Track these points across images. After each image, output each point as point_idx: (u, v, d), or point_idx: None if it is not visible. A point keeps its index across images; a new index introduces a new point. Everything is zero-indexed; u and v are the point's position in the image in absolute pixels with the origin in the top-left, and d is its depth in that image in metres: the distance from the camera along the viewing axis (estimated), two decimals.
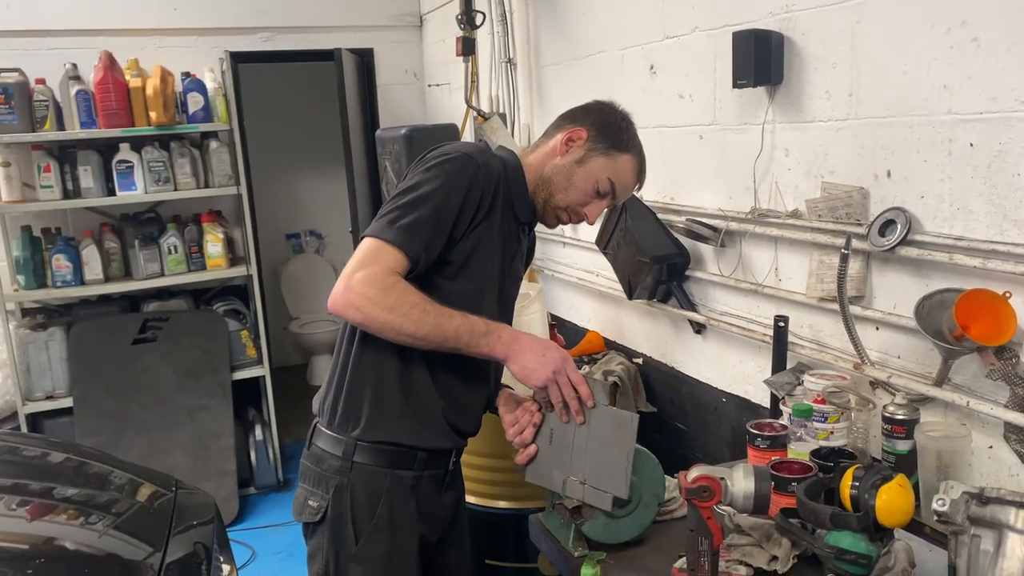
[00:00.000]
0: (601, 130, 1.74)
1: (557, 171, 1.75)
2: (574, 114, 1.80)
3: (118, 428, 4.05)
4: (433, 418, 1.74)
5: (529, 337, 1.64)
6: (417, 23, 4.90)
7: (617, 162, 1.75)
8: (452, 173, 1.62)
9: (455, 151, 1.66)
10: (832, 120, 1.92)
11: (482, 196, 1.64)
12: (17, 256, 4.04)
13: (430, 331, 1.57)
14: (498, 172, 1.68)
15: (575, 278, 3.24)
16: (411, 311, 1.55)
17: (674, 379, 2.70)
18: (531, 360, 1.60)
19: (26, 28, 4.17)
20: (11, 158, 3.98)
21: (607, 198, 1.78)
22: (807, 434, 1.81)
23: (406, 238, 1.57)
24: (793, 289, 2.11)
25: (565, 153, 1.75)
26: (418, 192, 1.60)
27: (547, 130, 1.83)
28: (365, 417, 1.71)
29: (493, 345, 1.60)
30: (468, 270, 1.68)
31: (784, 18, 2.01)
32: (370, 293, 1.54)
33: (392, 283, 1.56)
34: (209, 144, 4.29)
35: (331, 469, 1.73)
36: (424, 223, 1.58)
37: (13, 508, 2.18)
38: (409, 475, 1.74)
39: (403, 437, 1.71)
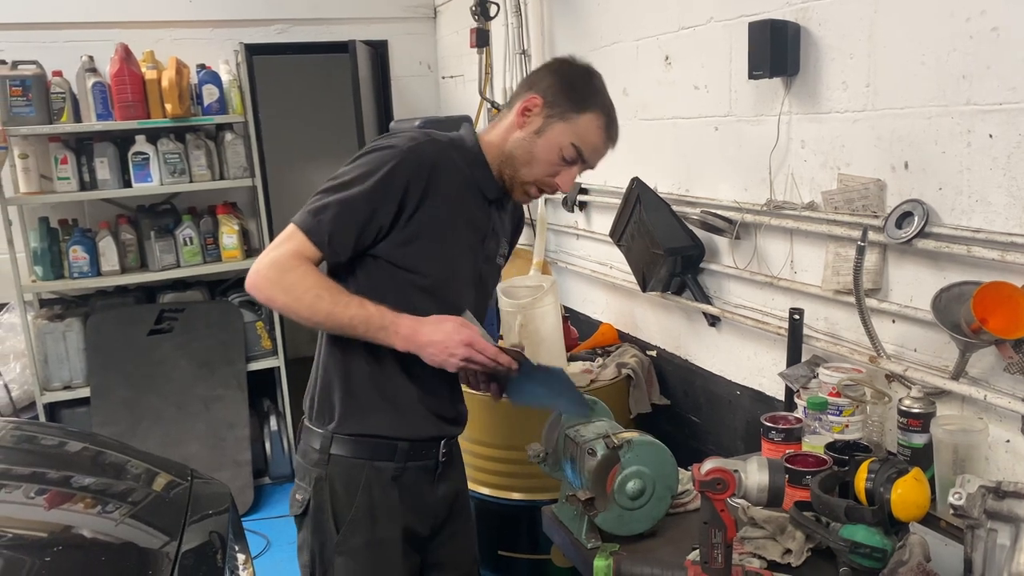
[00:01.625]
0: (557, 93, 1.65)
1: (517, 145, 1.68)
2: (530, 80, 1.72)
3: (134, 418, 4.08)
4: (410, 407, 1.72)
5: (429, 327, 1.59)
6: (431, 14, 4.89)
7: (578, 125, 1.65)
8: (372, 163, 1.60)
9: (384, 143, 1.64)
10: (849, 111, 1.90)
11: (408, 184, 1.59)
12: (35, 247, 4.07)
13: (324, 317, 1.58)
14: (432, 157, 1.63)
15: (589, 270, 3.23)
16: (304, 295, 1.56)
17: (688, 372, 2.69)
18: (437, 352, 1.58)
19: (43, 21, 4.19)
20: (28, 150, 4.01)
21: (577, 164, 1.70)
22: (822, 427, 1.81)
23: (314, 225, 1.58)
24: (808, 282, 2.09)
25: (523, 125, 1.67)
26: (336, 181, 1.61)
27: (508, 102, 1.77)
28: (338, 411, 1.71)
29: (392, 340, 1.59)
30: (424, 258, 1.65)
31: (801, 8, 1.99)
32: (270, 275, 1.58)
33: (293, 265, 1.57)
34: (224, 136, 4.30)
35: (311, 462, 1.74)
36: (334, 212, 1.58)
37: (31, 496, 2.20)
38: (390, 466, 1.72)
39: (379, 428, 1.71)
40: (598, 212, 3.16)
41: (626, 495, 1.59)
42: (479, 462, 2.71)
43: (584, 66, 1.72)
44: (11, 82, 3.80)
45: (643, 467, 1.59)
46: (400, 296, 1.64)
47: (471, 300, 1.74)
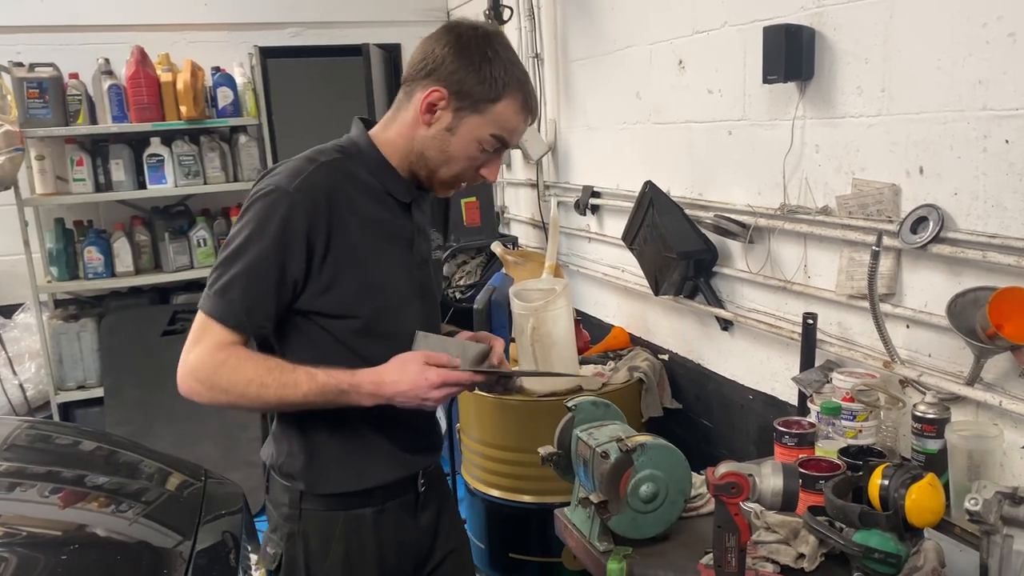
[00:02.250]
0: (462, 83, 1.47)
1: (427, 145, 1.52)
2: (424, 62, 1.50)
3: (147, 418, 4.10)
4: (380, 453, 1.60)
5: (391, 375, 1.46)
6: (444, 18, 4.91)
7: (495, 113, 1.49)
8: (261, 216, 1.44)
9: (265, 187, 1.46)
10: (864, 116, 1.90)
11: (309, 226, 1.44)
12: (50, 248, 4.11)
13: (277, 403, 1.46)
14: (325, 186, 1.46)
15: (600, 273, 3.23)
16: (247, 390, 1.43)
17: (700, 376, 2.69)
18: (408, 400, 1.46)
19: (60, 23, 4.23)
20: (45, 151, 4.05)
21: (500, 152, 1.56)
22: (835, 432, 1.80)
23: (226, 307, 1.44)
24: (822, 286, 2.09)
25: (430, 122, 1.50)
26: (231, 247, 1.46)
27: (402, 90, 1.56)
28: (301, 473, 1.59)
29: (359, 400, 1.46)
30: (351, 298, 1.51)
31: (815, 13, 1.99)
32: (201, 377, 1.43)
33: (221, 360, 1.43)
34: (238, 138, 4.33)
35: (283, 516, 1.63)
36: (241, 285, 1.43)
37: (46, 495, 2.21)
38: (368, 511, 1.61)
39: (349, 484, 1.59)
40: (610, 215, 3.16)
41: (639, 498, 1.59)
42: (490, 464, 2.71)
43: (481, 33, 1.50)
44: (28, 84, 3.85)
45: (656, 470, 1.59)
46: (340, 347, 1.52)
47: (418, 314, 1.61)
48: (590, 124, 3.26)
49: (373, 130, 1.60)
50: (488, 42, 1.49)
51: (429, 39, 1.53)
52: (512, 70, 1.50)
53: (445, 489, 1.84)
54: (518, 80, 1.51)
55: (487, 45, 1.49)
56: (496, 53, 1.49)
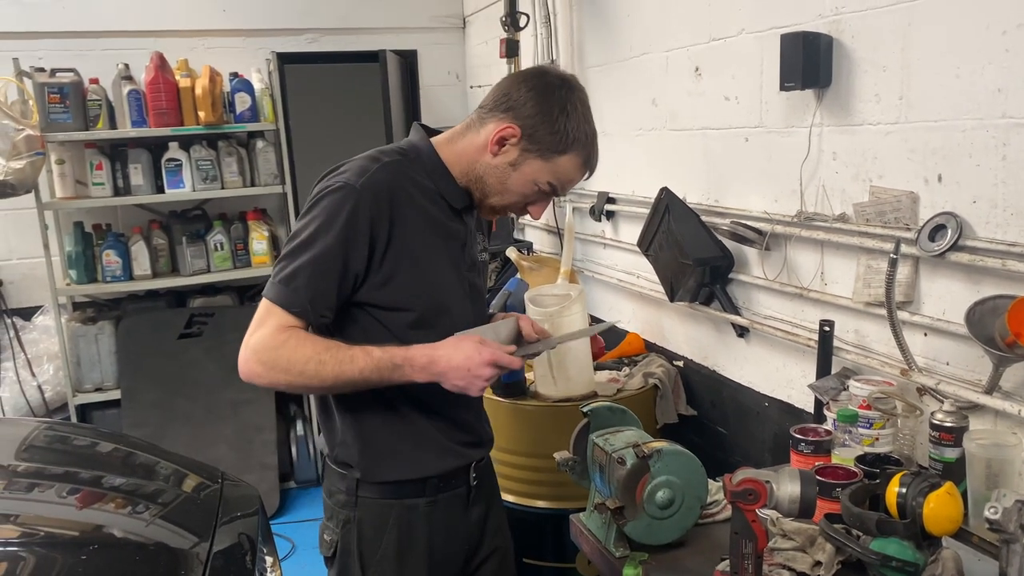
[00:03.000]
0: (536, 126, 1.56)
1: (489, 172, 1.61)
2: (506, 98, 1.59)
3: (164, 420, 4.14)
4: (432, 443, 1.67)
5: (446, 351, 1.52)
6: (460, 24, 4.93)
7: (557, 164, 1.59)
8: (330, 210, 1.52)
9: (335, 183, 1.55)
10: (881, 123, 1.89)
11: (373, 220, 1.52)
12: (69, 251, 4.15)
13: (334, 381, 1.51)
14: (388, 183, 1.55)
15: (615, 279, 3.23)
16: (306, 367, 1.49)
17: (716, 382, 2.69)
18: (460, 377, 1.50)
19: (81, 29, 4.28)
20: (65, 156, 4.10)
21: (550, 196, 1.66)
22: (852, 440, 1.80)
23: (290, 295, 1.51)
24: (839, 293, 2.08)
25: (497, 153, 1.59)
26: (299, 239, 1.53)
27: (476, 113, 1.65)
28: (358, 462, 1.66)
29: (412, 375, 1.52)
30: (407, 293, 1.58)
31: (833, 20, 1.99)
32: (263, 358, 1.50)
33: (282, 341, 1.49)
34: (255, 143, 4.37)
35: (339, 503, 1.70)
36: (307, 275, 1.51)
37: (64, 496, 2.23)
38: (421, 502, 1.68)
39: (404, 472, 1.66)
40: (625, 221, 3.17)
41: (655, 504, 1.60)
42: (505, 470, 2.71)
43: (565, 86, 1.60)
44: (49, 89, 3.89)
45: (673, 477, 1.60)
46: (392, 339, 1.58)
47: (468, 313, 1.68)
48: (606, 130, 3.26)
49: (437, 138, 1.68)
50: (570, 96, 1.59)
51: (516, 77, 1.65)
52: (584, 128, 1.60)
53: (495, 487, 1.90)
54: (587, 138, 1.61)
55: (568, 99, 1.58)
56: (575, 108, 1.58)
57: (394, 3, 4.79)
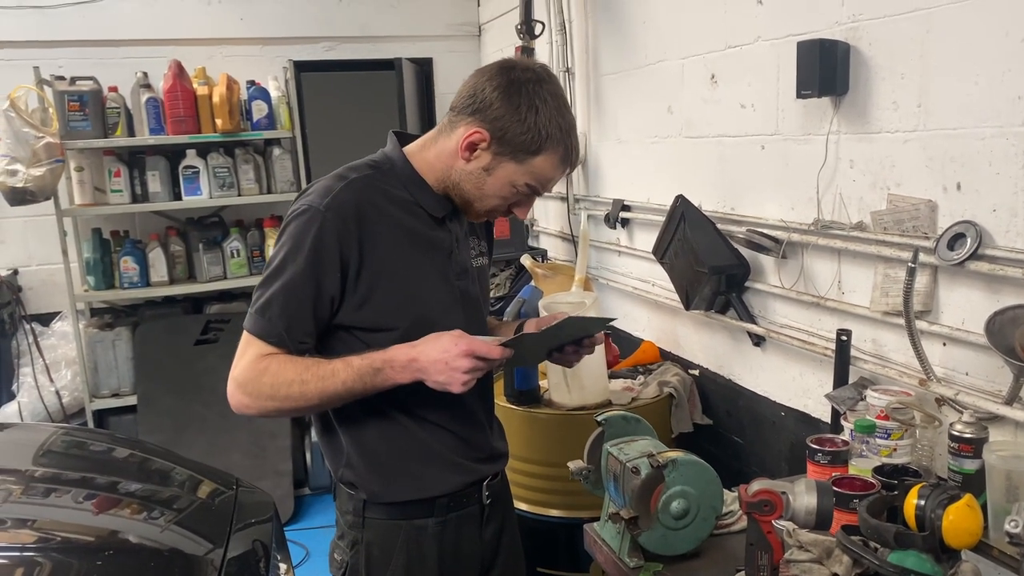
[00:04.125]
0: (505, 130, 1.49)
1: (464, 178, 1.55)
2: (474, 100, 1.51)
3: (179, 426, 4.15)
4: (438, 460, 1.63)
5: (423, 347, 1.47)
6: (476, 32, 4.94)
7: (532, 165, 1.52)
8: (296, 236, 1.49)
9: (300, 206, 1.51)
10: (899, 131, 1.88)
11: (341, 241, 1.48)
12: (87, 258, 4.18)
13: (319, 399, 1.49)
14: (354, 202, 1.50)
15: (630, 287, 3.23)
16: (290, 390, 1.47)
17: (731, 391, 2.67)
18: (439, 371, 1.45)
19: (100, 38, 4.32)
20: (84, 163, 4.13)
21: (532, 196, 1.60)
22: (869, 450, 1.78)
23: (266, 325, 1.49)
24: (856, 302, 2.07)
25: (469, 159, 1.53)
26: (271, 268, 1.51)
27: (447, 116, 1.59)
28: (363, 485, 1.63)
29: (394, 377, 1.48)
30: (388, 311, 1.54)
31: (850, 28, 1.98)
32: (248, 389, 1.49)
33: (263, 368, 1.48)
34: (272, 151, 4.39)
35: (348, 523, 1.67)
36: (280, 303, 1.48)
37: (80, 501, 2.25)
38: (431, 522, 1.64)
39: (410, 492, 1.62)
40: (640, 229, 3.16)
41: (670, 515, 1.58)
42: (518, 478, 2.71)
43: (533, 79, 1.51)
44: (69, 97, 3.93)
45: (688, 487, 1.58)
46: None
47: (460, 322, 1.59)
48: (621, 138, 3.27)
49: (410, 147, 1.63)
50: (538, 90, 1.50)
51: (482, 74, 1.55)
52: (557, 121, 1.51)
53: (510, 506, 1.86)
54: (561, 132, 1.51)
55: (536, 93, 1.49)
56: (545, 102, 1.49)
57: (410, 11, 4.81)
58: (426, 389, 1.49)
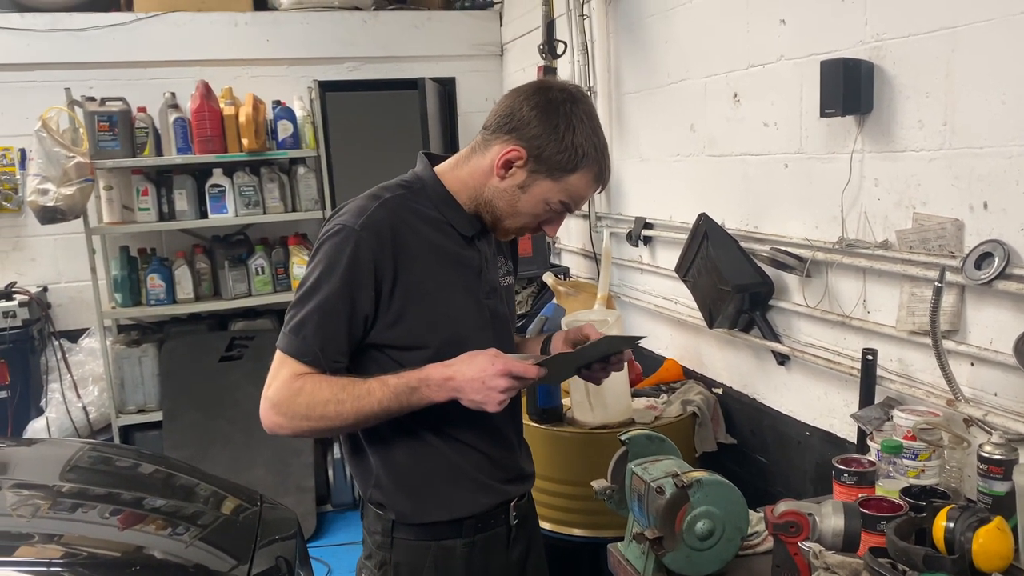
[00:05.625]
0: (542, 148, 1.51)
1: (498, 196, 1.57)
2: (511, 119, 1.54)
3: (204, 442, 4.19)
4: (467, 480, 1.63)
5: (460, 366, 1.48)
6: (498, 52, 4.98)
7: (567, 183, 1.54)
8: (331, 255, 1.50)
9: (334, 226, 1.53)
10: (925, 150, 1.87)
11: (375, 260, 1.50)
12: (115, 275, 4.25)
13: (356, 417, 1.49)
14: (389, 221, 1.52)
15: (653, 305, 3.22)
16: (326, 409, 1.48)
17: (755, 411, 2.65)
18: (475, 390, 1.46)
19: (130, 59, 4.40)
20: (113, 182, 4.21)
21: (564, 213, 1.61)
22: (896, 471, 1.76)
23: (300, 344, 1.50)
24: (882, 322, 2.05)
25: (504, 176, 1.55)
26: (304, 287, 1.53)
27: (480, 135, 1.61)
28: (392, 505, 1.63)
29: (430, 396, 1.49)
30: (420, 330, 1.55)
31: (874, 47, 1.98)
32: (282, 409, 1.49)
33: (298, 388, 1.48)
34: (297, 169, 4.44)
35: (376, 543, 1.67)
36: (314, 322, 1.49)
37: (106, 516, 2.27)
38: (458, 543, 1.64)
39: (439, 513, 1.62)
40: (663, 247, 3.16)
41: (695, 535, 1.57)
42: (542, 496, 2.69)
43: (569, 99, 1.54)
44: (99, 118, 4.01)
45: (713, 507, 1.57)
46: None
47: (490, 341, 1.60)
48: (643, 156, 3.27)
49: (441, 166, 1.65)
50: (574, 109, 1.52)
51: (518, 94, 1.57)
52: (593, 141, 1.54)
53: (536, 527, 1.86)
54: (596, 151, 1.54)
55: (572, 113, 1.52)
56: (581, 121, 1.52)
57: (433, 32, 4.86)
58: (457, 409, 1.50)
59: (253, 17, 4.59)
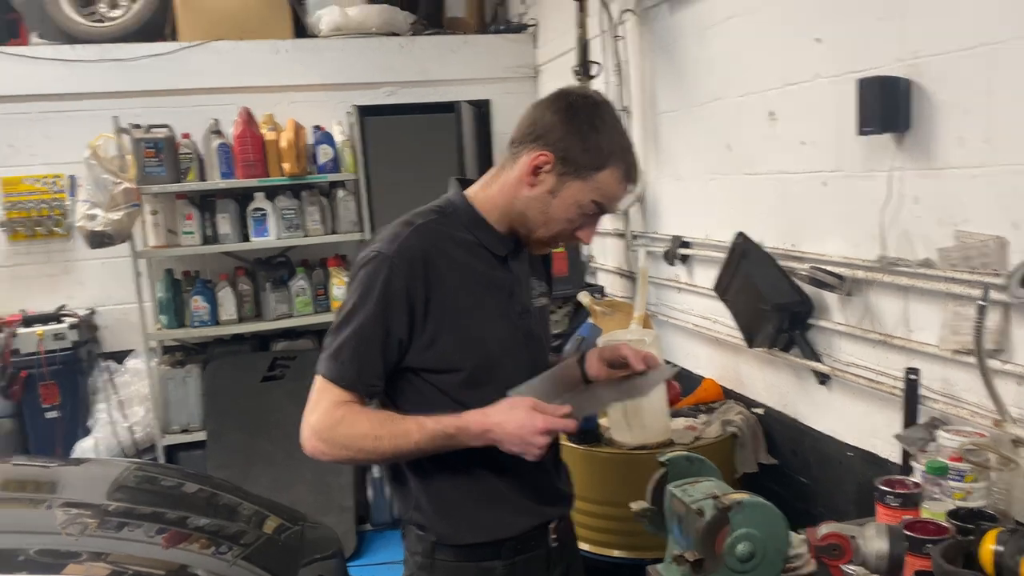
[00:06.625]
0: (568, 149, 1.53)
1: (529, 205, 1.57)
2: (533, 127, 1.57)
3: (246, 462, 4.24)
4: (507, 503, 1.64)
5: (498, 416, 1.50)
6: (532, 74, 5.02)
7: (597, 181, 1.55)
8: (366, 282, 1.53)
9: (368, 254, 1.56)
10: (966, 167, 1.85)
11: (409, 285, 1.52)
12: (160, 297, 4.33)
13: (392, 455, 1.55)
14: (421, 247, 1.54)
15: (691, 324, 3.21)
16: (363, 443, 1.52)
17: (796, 431, 2.62)
18: (514, 444, 1.49)
19: (174, 87, 4.52)
20: (158, 206, 4.31)
21: (597, 216, 1.61)
22: (942, 493, 1.73)
23: (338, 369, 1.53)
24: (925, 340, 2.03)
25: (534, 184, 1.56)
26: (342, 314, 1.56)
27: (507, 151, 1.63)
28: (433, 525, 1.64)
29: (467, 443, 1.51)
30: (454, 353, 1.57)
31: (912, 64, 1.97)
32: (323, 436, 1.53)
33: (338, 419, 1.52)
34: (336, 192, 4.51)
35: (417, 564, 1.68)
36: (351, 348, 1.53)
37: (152, 535, 2.31)
38: (498, 565, 1.64)
39: (478, 535, 1.63)
40: (700, 265, 3.15)
41: (736, 558, 1.56)
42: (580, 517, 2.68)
43: (589, 102, 1.57)
44: (145, 144, 4.11)
45: (754, 529, 1.56)
46: (447, 400, 1.58)
47: (523, 362, 1.64)
48: (679, 174, 3.28)
49: (471, 189, 1.68)
50: (596, 112, 1.56)
51: (540, 105, 1.60)
52: (618, 140, 1.56)
53: (575, 549, 1.86)
54: (622, 150, 1.56)
55: (595, 115, 1.55)
56: (603, 122, 1.55)
57: (469, 55, 4.92)
58: None
59: (293, 44, 4.69)
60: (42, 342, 4.15)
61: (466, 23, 5.09)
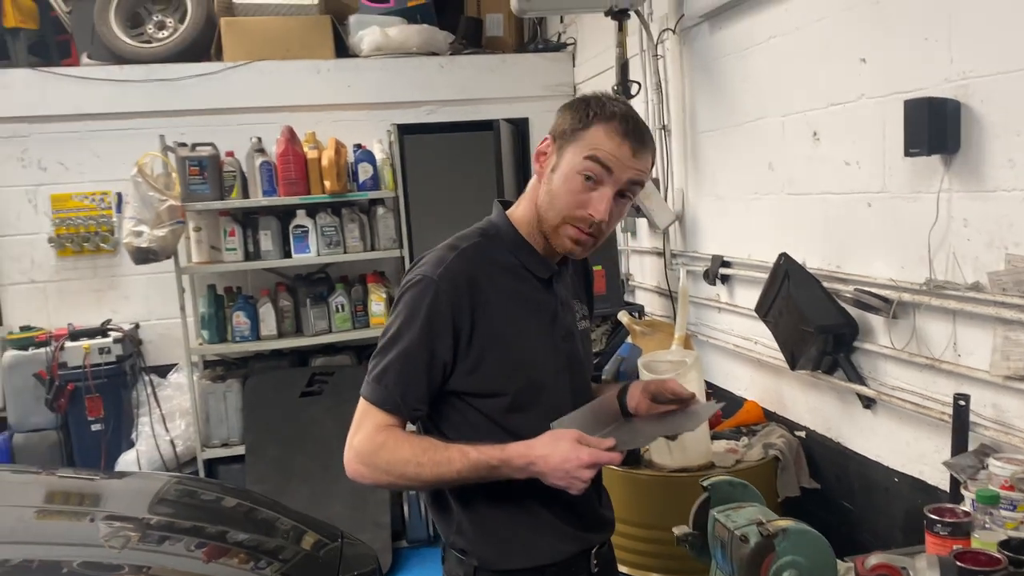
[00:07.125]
0: (563, 125, 1.57)
1: (542, 196, 1.59)
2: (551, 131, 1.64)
3: (284, 476, 4.27)
4: (549, 528, 1.63)
5: (542, 450, 1.48)
6: (571, 92, 5.03)
7: (586, 137, 1.53)
8: (411, 305, 1.54)
9: (414, 277, 1.57)
10: (1017, 190, 1.82)
11: (454, 309, 1.53)
12: (203, 312, 4.40)
13: (434, 482, 1.54)
14: (466, 271, 1.55)
15: (732, 345, 3.17)
16: (405, 470, 1.51)
17: (840, 455, 2.58)
18: (558, 478, 1.47)
19: (219, 106, 4.62)
20: (202, 223, 4.38)
21: (603, 182, 1.53)
22: (993, 523, 1.68)
23: (382, 392, 1.54)
24: (974, 366, 1.98)
25: (543, 173, 1.60)
26: (387, 336, 1.56)
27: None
28: (474, 551, 1.63)
29: (510, 475, 1.50)
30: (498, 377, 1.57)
31: (960, 85, 1.94)
32: (365, 460, 1.53)
33: (380, 443, 1.52)
34: (376, 210, 4.55)
35: None
36: (396, 371, 1.53)
37: (191, 549, 2.34)
38: None
39: (521, 560, 1.62)
40: (741, 285, 3.12)
41: None
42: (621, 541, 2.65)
43: (593, 96, 1.60)
44: (190, 162, 4.19)
45: (799, 557, 1.53)
46: (491, 424, 1.58)
47: (567, 386, 1.64)
48: (719, 194, 3.25)
49: (511, 209, 1.69)
50: (597, 97, 1.59)
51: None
52: (610, 108, 1.55)
53: (616, 573, 1.84)
54: (610, 111, 1.55)
55: (593, 97, 1.59)
56: (598, 99, 1.57)
57: (508, 74, 4.95)
58: None
59: (335, 64, 4.76)
60: (88, 356, 4.24)
61: (505, 42, 5.13)
